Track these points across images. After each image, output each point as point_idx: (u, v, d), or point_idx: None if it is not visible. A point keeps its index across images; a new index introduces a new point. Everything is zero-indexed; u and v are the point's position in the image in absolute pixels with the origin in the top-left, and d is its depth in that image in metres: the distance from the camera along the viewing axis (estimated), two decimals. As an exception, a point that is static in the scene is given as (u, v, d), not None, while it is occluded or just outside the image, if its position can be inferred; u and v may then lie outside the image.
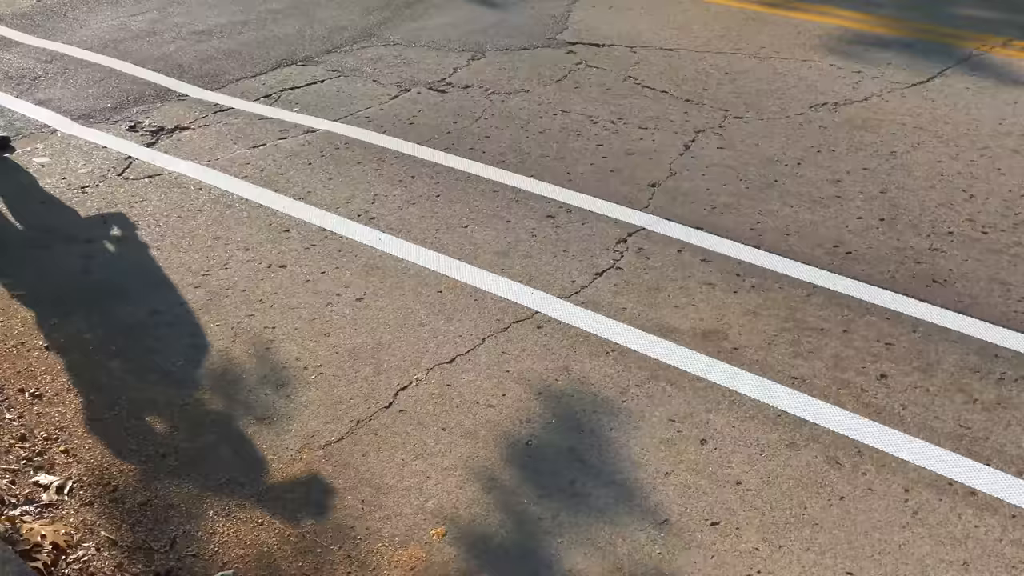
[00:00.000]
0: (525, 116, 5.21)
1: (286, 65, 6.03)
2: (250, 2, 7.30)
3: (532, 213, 4.23)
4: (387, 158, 4.78)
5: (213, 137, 5.05)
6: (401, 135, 5.00)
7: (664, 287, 3.68)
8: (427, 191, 4.45)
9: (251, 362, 3.34)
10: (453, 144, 4.90)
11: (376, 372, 3.27)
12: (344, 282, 3.77)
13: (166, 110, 5.39)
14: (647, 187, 4.43)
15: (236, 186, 4.53)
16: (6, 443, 3.00)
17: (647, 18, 6.75)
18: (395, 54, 6.18)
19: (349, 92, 5.59)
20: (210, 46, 6.37)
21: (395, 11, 7.03)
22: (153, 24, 6.84)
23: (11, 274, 3.91)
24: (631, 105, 5.31)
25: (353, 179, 4.58)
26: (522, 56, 6.09)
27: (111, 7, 7.23)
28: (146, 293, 3.75)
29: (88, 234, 4.19)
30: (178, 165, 4.75)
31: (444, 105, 5.38)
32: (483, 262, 3.87)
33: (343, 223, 4.19)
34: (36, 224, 4.30)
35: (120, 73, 5.94)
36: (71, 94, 5.64)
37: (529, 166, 4.64)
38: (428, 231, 4.11)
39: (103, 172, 4.71)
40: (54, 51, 6.34)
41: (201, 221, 4.25)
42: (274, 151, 4.88)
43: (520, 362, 3.30)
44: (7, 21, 6.95)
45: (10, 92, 5.67)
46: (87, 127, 5.20)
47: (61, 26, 6.83)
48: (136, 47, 6.37)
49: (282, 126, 5.16)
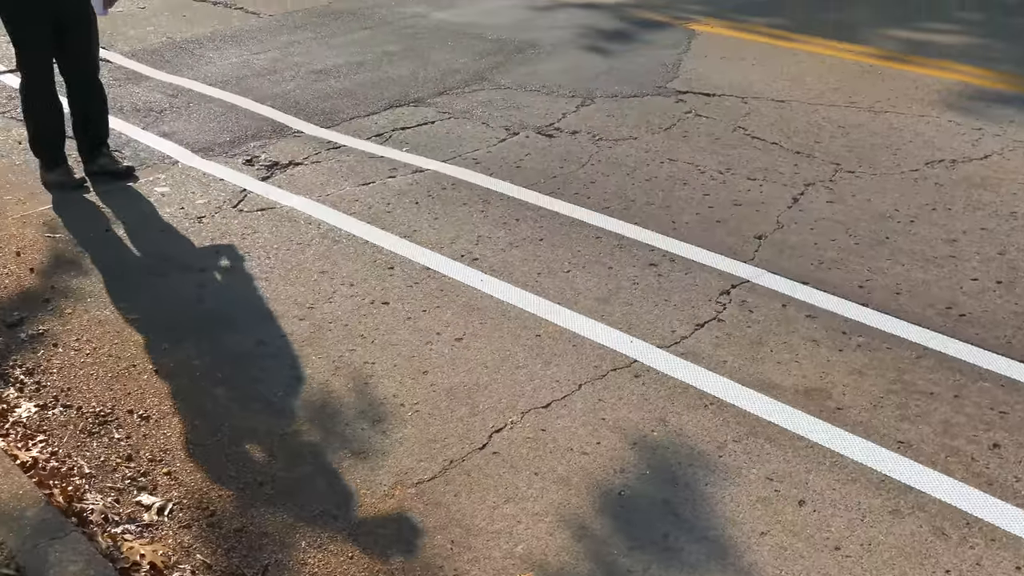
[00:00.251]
0: (632, 163, 5.21)
1: (398, 105, 6.16)
2: (367, 44, 7.50)
3: (635, 261, 4.21)
4: (492, 200, 4.82)
5: (325, 173, 5.18)
6: (507, 178, 5.05)
7: (767, 342, 3.61)
8: (531, 234, 4.47)
9: (350, 396, 3.39)
10: (558, 188, 4.92)
11: (471, 413, 3.28)
12: (445, 321, 3.81)
13: (282, 146, 5.56)
14: (753, 239, 4.36)
15: (344, 222, 4.63)
16: (113, 462, 3.10)
17: (759, 69, 6.69)
18: (505, 98, 6.26)
19: (458, 134, 5.68)
20: (327, 85, 6.56)
21: (507, 56, 7.14)
22: (274, 63, 7.08)
23: (128, 299, 4.06)
24: (740, 155, 5.26)
25: (458, 219, 4.63)
26: (631, 103, 6.10)
27: (235, 46, 7.52)
28: (253, 323, 3.85)
29: (202, 263, 4.33)
30: (290, 199, 4.88)
31: (551, 150, 5.42)
32: (583, 308, 3.86)
33: (446, 263, 4.24)
34: (154, 252, 4.46)
35: (240, 109, 6.15)
36: (193, 127, 5.87)
37: (634, 213, 4.63)
38: (530, 274, 4.13)
39: (219, 204, 4.87)
40: (180, 86, 6.61)
41: (309, 255, 4.35)
42: (383, 189, 4.98)
43: (616, 410, 3.27)
44: (139, 57, 7.28)
45: (137, 124, 5.92)
46: (206, 160, 5.40)
47: (188, 62, 7.13)
48: (257, 84, 6.60)
49: (392, 165, 5.26)
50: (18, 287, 4.16)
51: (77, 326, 3.87)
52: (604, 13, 8.34)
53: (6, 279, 4.22)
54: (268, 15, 8.39)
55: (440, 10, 8.47)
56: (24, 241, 4.54)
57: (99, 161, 5.16)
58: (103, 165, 5.16)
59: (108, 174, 5.14)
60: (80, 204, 4.93)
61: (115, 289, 4.14)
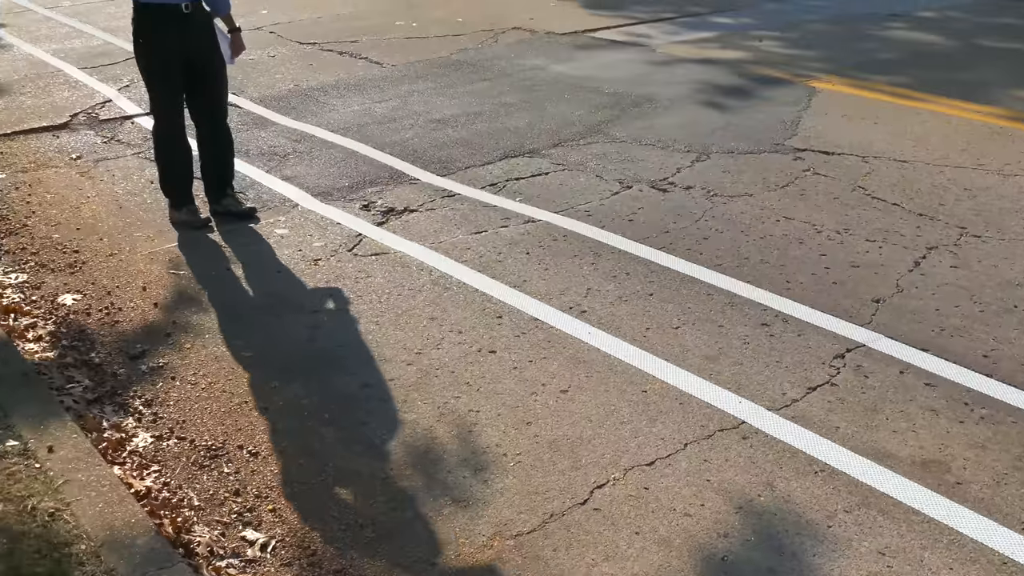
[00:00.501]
0: (747, 220, 5.14)
1: (514, 156, 6.23)
2: (485, 94, 7.63)
3: (746, 320, 4.14)
4: (603, 253, 4.81)
5: (439, 221, 5.26)
6: (619, 231, 5.04)
7: (882, 409, 3.49)
8: (641, 289, 4.44)
9: (453, 443, 3.40)
10: (671, 244, 4.88)
11: (574, 467, 3.24)
12: (551, 373, 3.80)
13: (398, 192, 5.67)
14: (871, 302, 4.24)
15: (456, 269, 4.68)
16: (221, 496, 3.17)
17: (882, 128, 6.55)
18: (620, 151, 6.26)
19: (572, 186, 5.70)
20: (444, 134, 6.68)
21: (623, 109, 7.16)
22: (394, 111, 7.25)
23: (243, 336, 4.17)
24: (859, 216, 5.14)
25: (568, 271, 4.63)
26: (748, 160, 6.03)
27: (358, 94, 7.73)
28: (362, 366, 3.91)
29: (315, 305, 4.43)
30: (403, 245, 4.96)
31: (665, 204, 5.39)
32: (691, 365, 3.80)
33: (555, 314, 4.23)
34: (270, 291, 4.59)
35: (360, 155, 6.31)
36: (314, 172, 6.04)
37: (747, 271, 4.56)
38: (638, 329, 4.09)
39: (335, 247, 4.98)
40: (303, 132, 6.83)
41: (420, 301, 4.41)
42: (495, 238, 5.02)
43: (722, 472, 3.19)
44: (267, 103, 7.55)
45: (262, 167, 6.13)
46: (325, 204, 5.54)
47: (312, 109, 7.36)
48: (377, 132, 6.76)
49: (504, 214, 5.31)
50: (142, 321, 4.32)
51: (195, 361, 3.99)
52: (722, 69, 8.30)
53: (132, 313, 4.39)
54: (391, 65, 8.62)
55: (559, 63, 8.57)
56: (150, 277, 4.72)
57: (224, 202, 5.36)
58: (227, 206, 5.35)
59: (232, 214, 5.33)
60: (204, 243, 5.11)
61: (232, 326, 4.27)
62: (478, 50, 9.13)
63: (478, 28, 10.02)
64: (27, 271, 4.80)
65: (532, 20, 10.38)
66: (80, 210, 5.55)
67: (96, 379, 3.85)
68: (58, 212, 5.53)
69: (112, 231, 5.26)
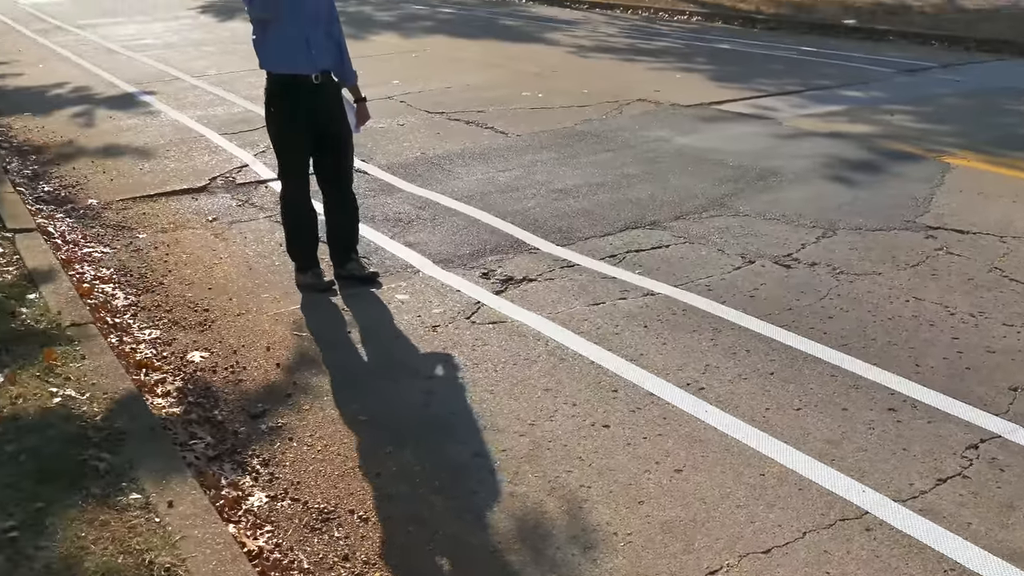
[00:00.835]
0: (874, 300, 4.97)
1: (634, 228, 6.21)
2: (608, 165, 7.65)
3: (872, 404, 3.98)
4: (723, 329, 4.72)
5: (557, 291, 5.26)
6: (740, 307, 4.94)
7: (1019, 506, 3.29)
8: (761, 367, 4.33)
9: (563, 519, 3.35)
10: (793, 322, 4.76)
11: (686, 550, 3.15)
12: (665, 450, 3.72)
13: (517, 261, 5.71)
14: (1007, 391, 4.03)
15: (572, 341, 4.66)
16: (331, 560, 3.19)
17: (1021, 207, 6.29)
18: (743, 225, 6.18)
19: (693, 259, 5.64)
20: (565, 204, 6.71)
21: (748, 183, 7.07)
22: (517, 180, 7.34)
23: (360, 400, 4.23)
24: (996, 299, 4.92)
25: (686, 346, 4.56)
26: (876, 237, 5.86)
27: (482, 163, 7.86)
28: (474, 434, 3.91)
29: (431, 371, 4.46)
30: (521, 314, 4.97)
31: (788, 281, 5.27)
32: (812, 450, 3.67)
33: (671, 390, 4.16)
34: (388, 356, 4.65)
35: (481, 223, 6.39)
36: (436, 239, 6.14)
37: (873, 353, 4.40)
38: (757, 409, 3.98)
39: (453, 314, 5.03)
40: (427, 199, 6.96)
41: (535, 371, 4.40)
42: (612, 310, 4.99)
43: (843, 565, 3.05)
44: (393, 169, 7.74)
45: (386, 233, 6.27)
46: (446, 270, 5.61)
47: (437, 176, 7.51)
48: (499, 200, 6.85)
49: (623, 287, 5.27)
50: (264, 380, 4.43)
51: (312, 422, 4.06)
52: (851, 143, 8.14)
53: (255, 372, 4.50)
54: (516, 135, 8.75)
55: (683, 135, 8.55)
56: (274, 337, 4.85)
57: (348, 266, 5.49)
58: (351, 270, 5.48)
59: (355, 279, 5.45)
60: (327, 306, 5.23)
61: (349, 389, 4.33)
62: (602, 121, 9.20)
63: (603, 99, 10.10)
64: (160, 327, 4.99)
65: (657, 92, 10.42)
66: (213, 270, 5.77)
67: (218, 436, 3.95)
68: (192, 272, 5.75)
69: (241, 291, 5.44)
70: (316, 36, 5.04)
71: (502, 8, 19.97)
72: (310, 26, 5.00)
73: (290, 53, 5.00)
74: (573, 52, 13.57)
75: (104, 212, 6.94)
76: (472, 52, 13.85)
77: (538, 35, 15.48)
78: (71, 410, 3.85)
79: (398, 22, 17.98)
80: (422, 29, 16.95)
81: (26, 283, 5.21)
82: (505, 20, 17.66)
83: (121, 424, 3.76)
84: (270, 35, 5.00)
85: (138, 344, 4.78)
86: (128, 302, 5.32)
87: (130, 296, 5.41)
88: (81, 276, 5.60)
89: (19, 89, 12.19)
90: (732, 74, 11.49)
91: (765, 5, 16.90)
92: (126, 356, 4.56)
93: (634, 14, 17.75)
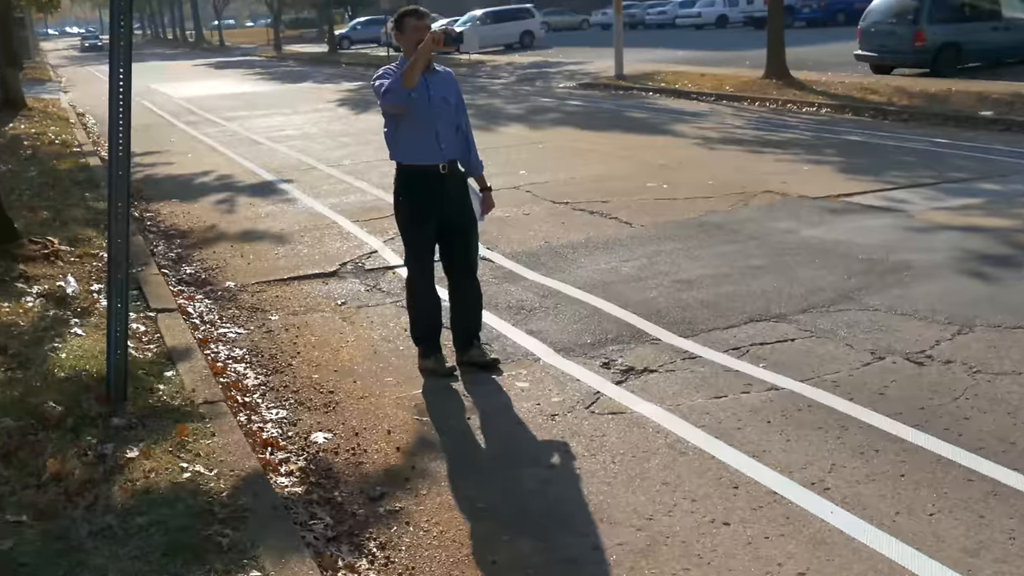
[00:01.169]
0: (1015, 401, 4.74)
1: (759, 320, 6.10)
2: (732, 257, 7.58)
3: (1013, 512, 3.76)
4: (850, 427, 4.57)
5: (678, 383, 5.19)
6: (869, 405, 4.78)
7: None
8: (891, 469, 4.16)
9: (679, 619, 3.25)
10: (926, 422, 4.57)
11: (809, 659, 3.01)
12: (788, 552, 3.59)
13: (638, 351, 5.67)
14: None
15: (692, 434, 4.58)
16: (442, 649, 3.17)
17: None
18: (872, 320, 6.00)
19: (819, 354, 5.50)
20: (689, 295, 6.66)
21: (878, 276, 6.89)
22: (640, 270, 7.33)
23: (477, 487, 4.24)
24: None
25: (811, 444, 4.42)
26: (1017, 336, 5.61)
27: (606, 253, 7.89)
28: (591, 526, 3.85)
29: (549, 460, 4.45)
30: (641, 406, 4.92)
31: (920, 379, 5.08)
32: (947, 558, 3.48)
33: (795, 489, 4.03)
34: (507, 444, 4.66)
35: (603, 312, 6.39)
36: (557, 327, 6.16)
37: (1014, 458, 4.17)
38: (886, 512, 3.81)
39: (573, 403, 5.02)
40: (550, 287, 7.02)
41: (653, 464, 4.33)
42: (734, 404, 4.89)
43: None
44: (518, 258, 7.85)
45: (508, 320, 6.33)
46: (566, 359, 5.62)
47: (561, 265, 7.57)
48: (621, 290, 6.84)
49: (746, 380, 5.17)
50: (384, 463, 4.49)
51: (430, 507, 4.08)
52: (989, 237, 7.86)
53: (375, 455, 4.57)
54: (640, 225, 8.77)
55: (810, 227, 8.42)
56: (396, 421, 4.92)
57: (469, 352, 5.55)
58: (472, 356, 5.54)
59: (476, 365, 5.51)
60: (448, 391, 5.29)
61: (467, 476, 4.35)
62: (728, 212, 9.14)
63: (729, 191, 10.06)
64: (287, 408, 5.13)
65: (784, 184, 10.32)
66: (339, 353, 5.92)
67: (337, 517, 4.01)
68: (320, 354, 5.92)
69: (366, 374, 5.55)
70: (445, 129, 5.22)
71: (628, 100, 20.23)
72: (439, 120, 5.19)
73: (420, 145, 5.19)
74: (699, 144, 13.60)
75: (240, 294, 7.23)
76: (598, 143, 14.03)
77: (664, 127, 15.60)
78: (199, 485, 3.98)
79: (526, 114, 18.40)
80: (549, 121, 17.29)
81: (165, 360, 5.46)
82: (631, 112, 17.87)
83: (245, 501, 3.86)
84: (401, 128, 5.21)
85: (265, 423, 4.92)
86: (258, 382, 5.50)
87: (260, 376, 5.59)
88: (216, 355, 5.83)
89: (169, 177, 12.93)
90: (862, 166, 11.30)
91: (897, 97, 16.65)
92: (253, 435, 4.70)
93: (761, 106, 17.72)
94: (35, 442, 4.32)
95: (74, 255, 7.83)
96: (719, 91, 19.49)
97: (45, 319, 6.12)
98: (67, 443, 4.31)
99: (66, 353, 5.46)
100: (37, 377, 5.09)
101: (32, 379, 5.06)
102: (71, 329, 5.92)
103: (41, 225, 8.91)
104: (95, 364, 5.20)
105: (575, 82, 24.79)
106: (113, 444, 4.33)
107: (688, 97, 19.75)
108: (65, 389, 4.91)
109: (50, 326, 5.97)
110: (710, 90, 19.74)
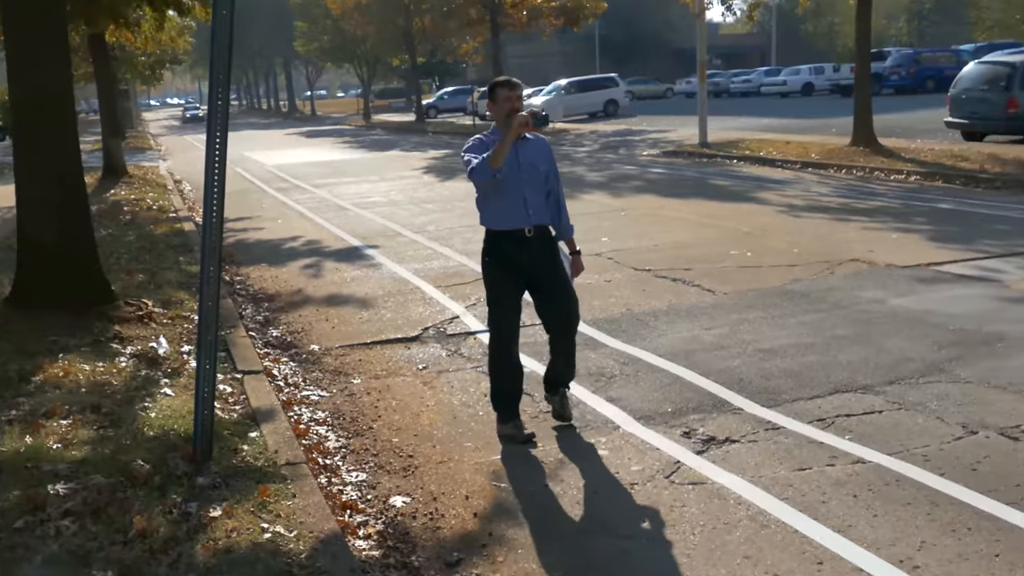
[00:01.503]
0: (1116, 480, 4.54)
1: (845, 391, 5.97)
2: (818, 326, 7.45)
3: (1115, 597, 3.59)
4: (941, 503, 4.42)
5: (760, 454, 5.10)
6: (961, 481, 4.62)
7: None
8: (984, 548, 4.00)
9: None
10: (1022, 499, 4.39)
11: None
12: (874, 632, 3.46)
13: (720, 421, 5.59)
14: None
15: (775, 507, 4.48)
16: None
17: None
18: (964, 393, 5.83)
19: (908, 427, 5.35)
20: (772, 364, 6.56)
21: (969, 347, 6.70)
22: (722, 339, 7.25)
23: (554, 554, 4.20)
24: None
25: (900, 520, 4.29)
26: (1118, 411, 5.39)
27: (687, 320, 7.83)
28: (669, 600, 3.78)
29: (628, 530, 4.39)
30: (722, 477, 4.84)
31: (1016, 455, 4.90)
32: (1045, 644, 3.33)
33: (882, 566, 3.90)
34: (584, 512, 4.62)
35: (684, 381, 6.33)
36: (638, 395, 6.12)
37: (1116, 540, 3.99)
38: (980, 594, 3.67)
39: (652, 472, 4.96)
40: (631, 355, 6.98)
41: (734, 536, 4.24)
42: (819, 477, 4.77)
43: None
44: (599, 325, 7.83)
45: (588, 387, 6.31)
46: (646, 427, 5.56)
47: (642, 333, 7.53)
48: (703, 358, 6.77)
49: (831, 452, 5.05)
50: (462, 529, 4.48)
51: (506, 574, 4.05)
52: (1088, 309, 7.60)
53: (452, 520, 4.57)
54: (723, 293, 8.70)
55: (898, 296, 8.24)
56: (474, 487, 4.92)
57: (554, 398, 5.66)
58: (554, 403, 5.66)
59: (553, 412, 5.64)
60: (526, 458, 5.27)
61: (544, 543, 4.31)
62: (813, 281, 9.01)
63: (814, 259, 9.92)
64: (367, 471, 5.18)
65: (871, 252, 10.14)
66: (419, 417, 5.96)
67: (413, 582, 4.00)
68: (400, 418, 5.97)
69: (445, 439, 5.58)
70: (533, 196, 5.33)
71: (712, 168, 20.19)
72: (527, 187, 5.32)
73: (507, 211, 5.31)
74: (784, 211, 13.47)
75: (324, 357, 7.36)
76: (681, 211, 14.00)
77: (748, 194, 15.50)
78: (279, 546, 4.02)
79: (608, 182, 18.49)
80: (632, 188, 17.34)
81: (249, 421, 5.56)
82: (715, 180, 17.82)
83: (323, 563, 3.89)
84: (490, 195, 5.34)
85: (345, 486, 4.96)
86: (339, 444, 5.57)
87: (341, 439, 5.66)
88: (299, 417, 5.92)
89: (259, 242, 13.30)
90: (953, 234, 11.06)
91: (989, 164, 16.30)
92: (333, 497, 4.74)
93: (848, 173, 17.50)
94: (123, 499, 4.43)
95: (167, 317, 8.07)
96: (804, 159, 19.33)
97: (137, 379, 6.31)
98: (153, 501, 4.41)
99: (155, 412, 5.61)
100: (127, 435, 5.23)
101: (123, 437, 5.21)
102: (161, 389, 6.08)
103: (137, 287, 9.22)
104: (183, 424, 5.33)
105: (658, 150, 24.87)
106: (197, 503, 4.41)
107: (772, 165, 19.62)
108: (153, 447, 5.03)
109: (141, 386, 6.15)
110: (795, 158, 19.59)
